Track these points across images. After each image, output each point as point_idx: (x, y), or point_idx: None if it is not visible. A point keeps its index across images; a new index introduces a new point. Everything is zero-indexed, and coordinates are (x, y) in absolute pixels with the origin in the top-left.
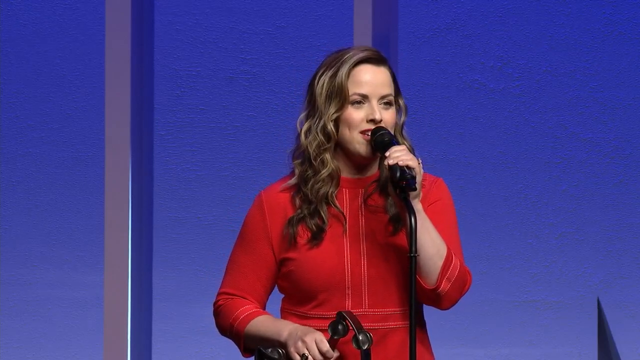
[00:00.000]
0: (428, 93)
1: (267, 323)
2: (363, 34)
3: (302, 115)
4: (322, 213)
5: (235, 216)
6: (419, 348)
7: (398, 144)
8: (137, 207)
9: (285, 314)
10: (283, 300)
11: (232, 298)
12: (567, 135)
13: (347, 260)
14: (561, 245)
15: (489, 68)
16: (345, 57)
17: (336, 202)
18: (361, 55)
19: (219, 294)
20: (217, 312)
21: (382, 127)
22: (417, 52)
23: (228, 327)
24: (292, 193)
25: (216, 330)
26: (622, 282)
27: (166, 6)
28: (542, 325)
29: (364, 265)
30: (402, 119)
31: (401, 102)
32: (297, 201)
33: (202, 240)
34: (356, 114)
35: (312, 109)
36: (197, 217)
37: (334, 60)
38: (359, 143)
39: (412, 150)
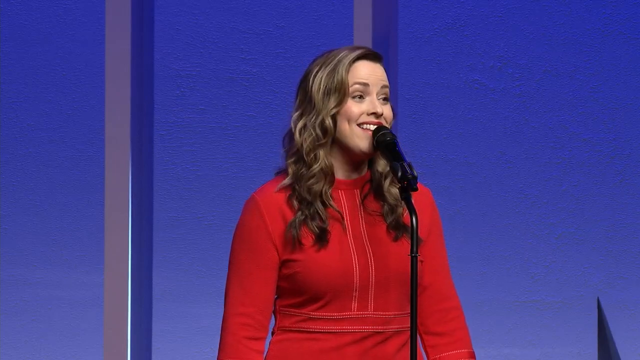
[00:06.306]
0: (428, 93)
1: None
2: (363, 34)
3: (296, 114)
4: (320, 213)
5: (236, 216)
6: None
7: (398, 144)
8: (137, 207)
9: (283, 315)
10: (279, 301)
11: (247, 327)
12: (567, 135)
13: (356, 263)
14: (561, 245)
15: (489, 68)
16: (341, 54)
17: (332, 202)
18: (360, 52)
19: (234, 312)
20: (227, 332)
21: (384, 126)
22: (417, 52)
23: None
24: (287, 194)
25: (216, 330)
26: (622, 282)
27: (166, 6)
28: (542, 325)
29: (371, 268)
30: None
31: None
32: (295, 203)
33: (202, 240)
34: (356, 107)
35: (308, 107)
36: (197, 217)
37: (329, 59)
38: (358, 137)
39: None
